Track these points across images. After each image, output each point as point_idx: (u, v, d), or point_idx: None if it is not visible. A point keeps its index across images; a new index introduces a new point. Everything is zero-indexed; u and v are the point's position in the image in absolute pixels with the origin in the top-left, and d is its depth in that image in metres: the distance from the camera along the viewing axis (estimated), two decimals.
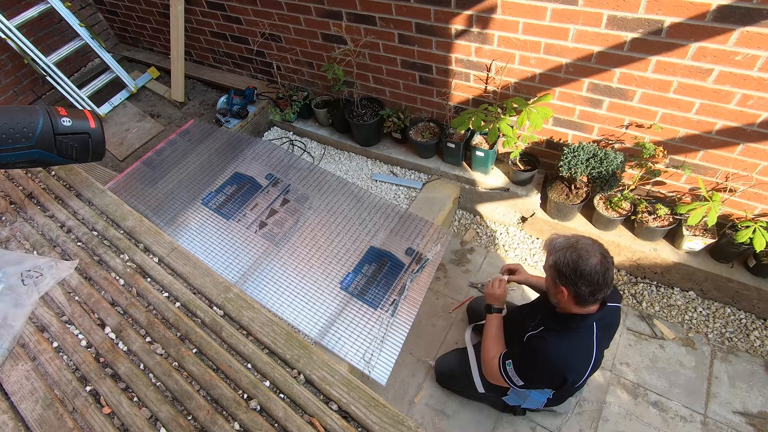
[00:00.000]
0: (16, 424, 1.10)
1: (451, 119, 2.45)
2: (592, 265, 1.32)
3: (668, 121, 1.94)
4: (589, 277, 1.32)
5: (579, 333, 1.44)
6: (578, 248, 1.35)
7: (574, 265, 1.33)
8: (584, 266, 1.32)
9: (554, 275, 1.40)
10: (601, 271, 1.32)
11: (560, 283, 1.39)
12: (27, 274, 1.37)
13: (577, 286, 1.34)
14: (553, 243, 1.43)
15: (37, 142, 1.22)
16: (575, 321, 1.44)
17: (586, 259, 1.32)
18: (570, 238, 1.41)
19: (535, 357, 1.49)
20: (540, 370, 1.48)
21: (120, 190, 2.51)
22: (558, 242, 1.42)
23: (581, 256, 1.33)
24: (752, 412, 1.97)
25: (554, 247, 1.42)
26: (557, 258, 1.38)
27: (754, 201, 2.02)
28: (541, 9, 1.83)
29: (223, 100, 3.19)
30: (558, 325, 1.49)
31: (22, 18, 2.95)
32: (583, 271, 1.32)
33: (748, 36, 1.54)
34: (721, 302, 2.29)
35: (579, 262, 1.32)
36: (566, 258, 1.35)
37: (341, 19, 2.43)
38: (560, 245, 1.40)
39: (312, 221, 2.39)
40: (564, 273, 1.36)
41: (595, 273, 1.32)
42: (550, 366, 1.44)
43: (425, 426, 2.07)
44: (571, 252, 1.35)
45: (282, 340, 1.23)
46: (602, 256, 1.34)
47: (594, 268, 1.32)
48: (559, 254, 1.37)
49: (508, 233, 2.72)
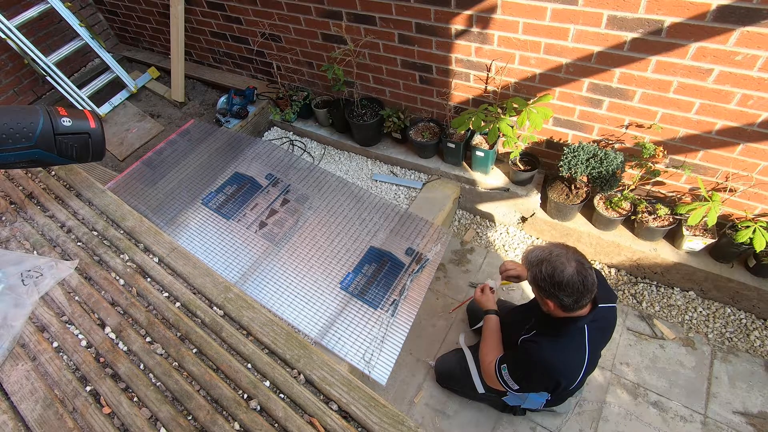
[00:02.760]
0: (16, 424, 1.10)
1: (451, 119, 2.45)
2: (569, 274, 1.31)
3: (668, 121, 1.94)
4: (568, 287, 1.32)
5: (571, 337, 1.44)
6: (552, 260, 1.34)
7: (551, 278, 1.33)
8: (561, 277, 1.32)
9: (535, 289, 1.42)
10: (579, 279, 1.31)
11: (543, 296, 1.40)
12: (27, 274, 1.37)
13: (558, 297, 1.35)
14: (529, 258, 1.43)
15: (37, 142, 1.22)
16: (566, 325, 1.44)
17: (562, 270, 1.32)
18: (543, 250, 1.40)
19: (528, 362, 1.50)
20: (533, 374, 1.49)
21: (120, 190, 2.51)
22: (533, 256, 1.41)
23: (556, 268, 1.32)
24: (752, 412, 1.97)
25: (530, 262, 1.41)
26: (534, 273, 1.38)
27: (754, 201, 2.02)
28: (541, 9, 1.83)
29: (223, 100, 3.19)
30: (550, 329, 1.49)
31: (22, 18, 2.95)
32: (560, 282, 1.32)
33: (748, 36, 1.54)
34: (721, 302, 2.29)
35: (555, 275, 1.32)
36: (542, 272, 1.35)
37: (341, 19, 2.43)
38: (535, 259, 1.39)
39: (312, 221, 2.39)
40: (543, 287, 1.36)
41: (573, 282, 1.31)
42: (543, 370, 1.45)
43: (425, 426, 2.07)
44: (546, 266, 1.35)
45: (282, 340, 1.23)
46: (578, 263, 1.33)
47: (571, 278, 1.31)
48: (535, 269, 1.38)
49: (508, 233, 2.72)
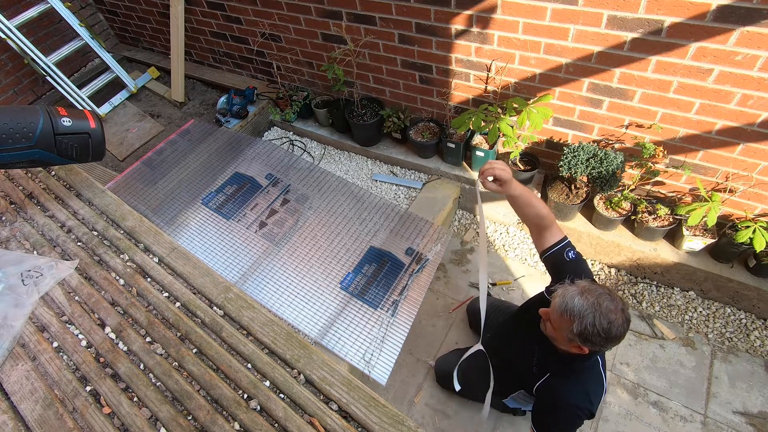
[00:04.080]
0: (16, 424, 1.10)
1: (451, 119, 2.45)
2: (619, 325, 1.22)
3: (668, 121, 1.94)
4: (618, 338, 1.25)
5: (590, 371, 1.40)
6: (605, 313, 1.22)
7: (606, 333, 1.22)
8: (615, 331, 1.23)
9: (579, 342, 1.27)
10: (626, 327, 1.25)
11: (585, 345, 1.28)
12: (27, 274, 1.37)
13: (605, 347, 1.28)
14: (570, 306, 1.25)
15: (37, 142, 1.22)
16: (582, 361, 1.38)
17: (616, 322, 1.22)
18: (587, 296, 1.24)
19: (559, 412, 1.41)
20: (569, 419, 1.41)
21: (120, 190, 2.51)
22: (576, 305, 1.24)
23: (612, 322, 1.21)
24: (752, 412, 1.97)
25: (575, 313, 1.24)
26: (583, 328, 1.23)
27: (754, 201, 2.02)
28: (541, 9, 1.83)
29: (223, 100, 3.19)
30: (565, 368, 1.41)
31: (22, 18, 2.95)
32: (615, 336, 1.24)
33: (748, 36, 1.54)
34: (721, 302, 2.29)
35: (611, 329, 1.22)
36: (596, 327, 1.22)
37: (341, 19, 2.43)
38: (581, 309, 1.24)
39: (312, 221, 2.39)
40: (593, 341, 1.25)
41: (623, 331, 1.24)
42: (576, 411, 1.38)
43: (425, 426, 2.07)
44: (599, 319, 1.22)
45: (282, 340, 1.23)
46: (623, 310, 1.24)
47: (622, 327, 1.23)
48: (585, 323, 1.23)
49: (508, 233, 2.72)
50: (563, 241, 1.49)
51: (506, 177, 1.45)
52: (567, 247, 1.48)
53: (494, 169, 1.45)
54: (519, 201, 1.51)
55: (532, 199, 1.50)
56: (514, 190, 1.48)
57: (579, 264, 1.46)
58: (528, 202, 1.50)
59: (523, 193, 1.49)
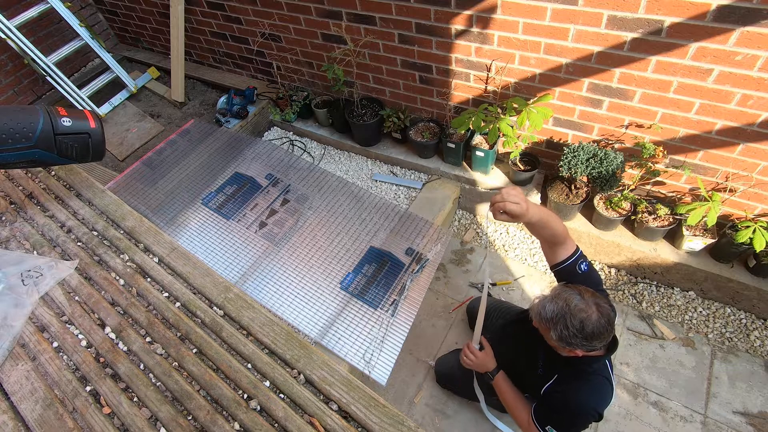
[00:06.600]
0: (16, 424, 1.10)
1: (451, 119, 2.45)
2: (594, 321, 1.23)
3: (668, 121, 1.94)
4: (598, 335, 1.25)
5: (597, 374, 1.39)
6: (574, 312, 1.24)
7: (581, 332, 1.24)
8: (591, 328, 1.23)
9: (563, 345, 1.31)
10: (604, 321, 1.25)
11: (572, 348, 1.30)
12: (27, 274, 1.37)
13: (591, 347, 1.28)
14: (543, 315, 1.30)
15: (37, 142, 1.22)
16: (590, 364, 1.38)
17: (588, 319, 1.23)
18: (557, 302, 1.28)
19: (569, 413, 1.41)
20: (580, 420, 1.41)
21: (120, 190, 2.51)
22: (548, 312, 1.28)
23: (583, 320, 1.23)
24: (752, 412, 1.97)
25: (548, 319, 1.28)
26: (559, 332, 1.26)
27: (754, 201, 2.02)
28: (541, 9, 1.83)
29: (223, 100, 3.19)
30: (573, 370, 1.41)
31: (22, 18, 2.95)
32: (592, 333, 1.24)
33: (748, 36, 1.54)
34: (721, 302, 2.29)
35: (584, 327, 1.23)
36: (570, 329, 1.25)
37: (341, 19, 2.43)
38: (553, 315, 1.27)
39: (312, 221, 2.39)
40: (573, 342, 1.27)
41: (601, 327, 1.24)
42: (586, 412, 1.38)
43: (425, 426, 2.07)
44: (570, 320, 1.24)
45: (282, 340, 1.23)
46: (596, 305, 1.25)
47: (598, 323, 1.24)
48: (559, 327, 1.26)
49: (508, 233, 2.72)
50: (576, 253, 1.46)
51: (519, 212, 1.28)
52: (580, 260, 1.45)
53: (506, 203, 1.28)
54: (535, 226, 1.40)
55: (550, 221, 1.38)
56: (531, 218, 1.33)
57: (590, 275, 1.45)
58: (545, 225, 1.38)
59: (540, 218, 1.35)
